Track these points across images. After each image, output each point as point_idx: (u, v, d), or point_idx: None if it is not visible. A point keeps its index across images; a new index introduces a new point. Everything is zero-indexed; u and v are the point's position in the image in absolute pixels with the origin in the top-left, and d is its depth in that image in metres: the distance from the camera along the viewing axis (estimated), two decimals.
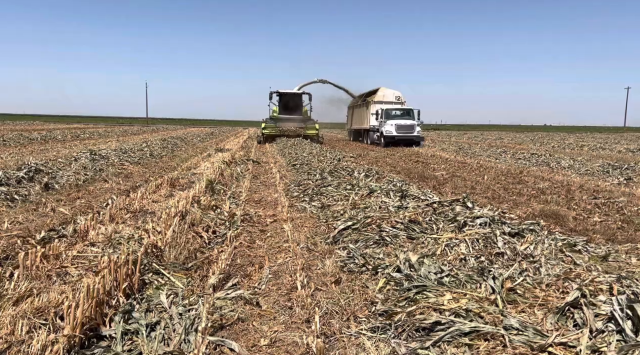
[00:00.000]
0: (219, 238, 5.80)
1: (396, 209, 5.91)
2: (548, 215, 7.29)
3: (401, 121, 25.56)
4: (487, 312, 2.91)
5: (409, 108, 27.42)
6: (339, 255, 4.91)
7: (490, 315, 2.88)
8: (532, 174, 13.20)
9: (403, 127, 25.24)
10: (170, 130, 47.57)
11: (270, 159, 17.05)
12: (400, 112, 26.86)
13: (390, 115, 26.25)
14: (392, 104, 28.57)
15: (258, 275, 4.59)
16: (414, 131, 25.49)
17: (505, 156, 19.38)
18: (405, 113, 26.82)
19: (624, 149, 24.77)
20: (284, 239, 5.85)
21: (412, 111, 26.86)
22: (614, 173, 13.09)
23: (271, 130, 27.60)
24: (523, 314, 2.90)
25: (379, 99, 29.08)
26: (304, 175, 10.70)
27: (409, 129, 25.34)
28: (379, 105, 27.91)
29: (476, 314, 2.94)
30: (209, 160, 15.39)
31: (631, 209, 8.00)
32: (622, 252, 5.26)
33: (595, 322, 2.62)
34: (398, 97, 29.51)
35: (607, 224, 6.88)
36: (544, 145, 29.07)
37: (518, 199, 9.06)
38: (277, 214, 7.31)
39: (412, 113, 26.75)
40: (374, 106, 28.48)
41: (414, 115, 26.61)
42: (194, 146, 23.74)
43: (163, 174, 11.80)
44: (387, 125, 25.42)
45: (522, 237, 5.17)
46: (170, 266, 4.60)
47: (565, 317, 2.77)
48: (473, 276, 3.52)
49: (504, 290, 3.13)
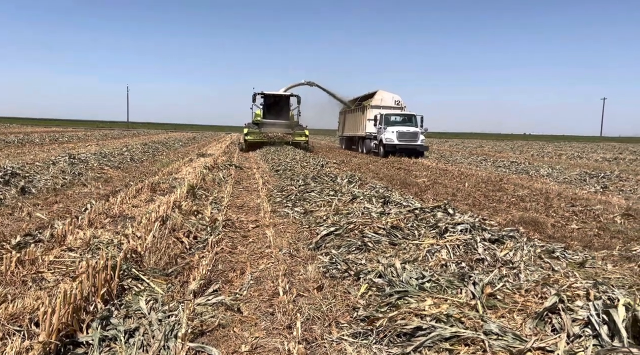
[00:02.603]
0: (200, 243, 5.74)
1: (378, 215, 5.94)
2: (527, 222, 7.40)
3: (403, 128, 22.93)
4: (467, 317, 2.93)
5: (410, 114, 24.76)
6: (321, 261, 4.90)
7: (471, 321, 2.90)
8: (512, 181, 13.38)
9: (406, 134, 22.61)
10: (151, 135, 47.09)
11: (253, 165, 16.99)
12: (401, 118, 24.35)
13: (390, 122, 23.72)
14: (391, 109, 25.90)
15: (239, 281, 4.55)
16: (418, 140, 22.84)
17: (485, 164, 19.63)
18: (407, 119, 24.28)
19: (601, 158, 25.29)
20: (266, 244, 5.82)
21: (415, 117, 24.26)
22: (591, 181, 13.35)
23: (255, 136, 24.81)
24: (503, 319, 2.93)
25: (377, 103, 26.45)
26: (287, 181, 10.69)
27: (412, 137, 22.71)
28: (377, 110, 25.34)
29: (457, 319, 2.95)
30: (191, 165, 15.27)
31: (607, 216, 8.15)
32: (599, 259, 5.36)
33: (573, 327, 2.66)
34: (398, 102, 26.84)
35: (584, 231, 7.00)
36: (524, 154, 29.53)
37: (498, 206, 9.17)
38: (259, 220, 7.27)
39: (415, 119, 24.14)
40: (371, 111, 25.81)
41: (417, 121, 23.99)
42: (176, 151, 23.53)
43: (144, 178, 11.67)
44: (387, 132, 22.83)
45: (502, 243, 5.23)
46: (150, 272, 4.54)
47: (543, 322, 2.80)
48: (454, 282, 3.55)
49: (484, 296, 3.16)
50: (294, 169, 12.67)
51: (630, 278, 4.72)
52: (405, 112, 25.21)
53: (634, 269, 5.00)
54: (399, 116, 24.55)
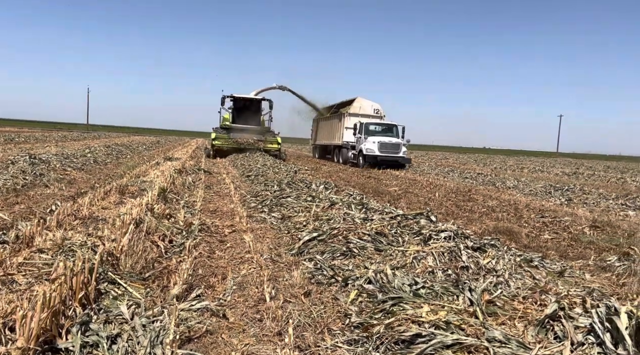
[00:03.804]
0: (176, 247, 5.52)
1: (362, 221, 5.87)
2: (502, 232, 7.49)
3: (385, 139, 21.57)
4: (468, 324, 2.88)
5: (392, 123, 23.46)
6: (305, 267, 4.78)
7: (472, 328, 2.85)
8: (480, 192, 13.61)
9: (387, 145, 21.30)
10: (113, 138, 45.83)
11: (222, 170, 16.69)
12: (382, 128, 22.93)
13: (371, 131, 22.33)
14: (370, 117, 24.52)
15: (222, 286, 4.38)
16: (400, 151, 21.60)
17: (453, 175, 19.96)
18: (387, 129, 22.91)
19: (561, 172, 26.16)
20: (245, 249, 5.65)
21: (396, 127, 23.05)
22: (556, 194, 13.74)
23: (223, 142, 23.29)
24: (504, 326, 2.89)
25: (355, 111, 25.02)
26: (260, 186, 10.52)
27: (394, 149, 21.47)
28: (355, 118, 24.02)
29: (457, 326, 2.89)
30: (158, 168, 14.85)
31: (576, 228, 8.36)
32: (576, 268, 5.46)
33: (576, 335, 2.64)
34: (377, 110, 25.48)
35: (557, 242, 7.14)
36: (487, 166, 30.24)
37: (471, 215, 9.27)
38: (235, 225, 7.09)
39: (396, 130, 22.94)
40: (349, 119, 24.54)
41: (398, 132, 22.81)
42: (140, 154, 22.92)
43: (110, 180, 11.26)
44: (368, 142, 21.43)
45: (484, 251, 5.25)
46: (126, 276, 4.32)
47: (545, 329, 2.78)
48: (449, 288, 3.50)
49: (483, 303, 3.12)
50: (266, 175, 12.50)
51: (610, 287, 4.84)
52: (387, 122, 23.94)
53: (612, 279, 5.12)
54: (380, 126, 23.20)
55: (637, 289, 4.65)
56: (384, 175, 17.85)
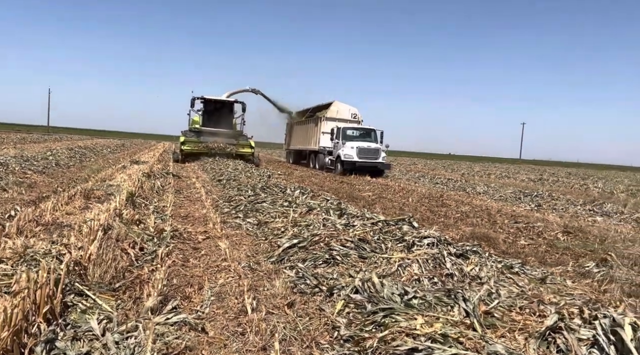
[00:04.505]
0: (147, 255, 5.23)
1: (344, 227, 5.70)
2: (479, 238, 7.45)
3: (364, 144, 20.80)
4: (466, 337, 2.74)
5: (370, 128, 22.51)
6: (287, 275, 4.58)
7: (471, 341, 2.71)
8: (452, 198, 13.67)
9: (366, 151, 20.55)
10: (75, 140, 44.31)
11: (191, 174, 16.26)
12: (360, 133, 22.08)
13: (348, 136, 21.50)
14: (347, 122, 23.66)
15: (199, 297, 4.13)
16: (379, 157, 20.83)
17: (423, 180, 20.08)
18: (365, 134, 22.07)
19: (527, 178, 26.72)
20: (221, 257, 5.40)
21: (375, 132, 22.14)
22: (525, 200, 13.94)
23: (193, 146, 22.00)
24: (503, 339, 2.76)
25: (332, 115, 24.11)
26: (233, 191, 10.23)
27: (373, 154, 20.67)
28: (332, 123, 23.13)
29: (455, 340, 2.75)
30: (125, 172, 14.36)
31: (550, 233, 8.42)
32: (557, 275, 5.44)
33: (580, 348, 2.54)
34: (354, 115, 24.62)
35: (534, 248, 7.15)
36: (455, 172, 30.64)
37: (446, 221, 9.25)
38: (209, 231, 6.81)
39: (375, 134, 22.05)
40: (326, 124, 23.67)
41: (377, 137, 21.96)
42: (105, 157, 22.19)
43: (73, 184, 10.77)
44: (346, 147, 20.68)
45: (467, 258, 5.16)
46: (95, 286, 4.03)
47: (547, 342, 2.67)
48: (442, 298, 3.36)
49: (480, 314, 2.99)
50: (238, 179, 12.21)
51: (592, 294, 4.81)
52: (365, 126, 23.04)
53: (593, 285, 5.10)
54: (358, 130, 22.32)
55: (620, 296, 4.63)
56: (357, 180, 17.79)
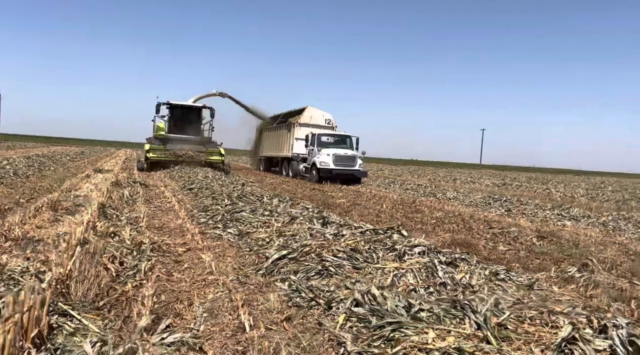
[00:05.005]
0: (128, 270, 4.99)
1: (333, 236, 5.60)
2: (460, 244, 7.50)
3: (340, 151, 20.26)
4: (482, 352, 2.69)
5: (345, 134, 21.93)
6: (280, 288, 4.44)
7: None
8: (424, 204, 13.80)
9: (343, 158, 20.01)
10: (30, 148, 42.63)
11: (158, 182, 15.82)
12: (335, 140, 21.42)
13: (323, 143, 20.82)
14: (321, 128, 22.99)
15: (190, 314, 3.95)
16: (356, 164, 20.35)
17: (394, 186, 20.23)
18: (341, 140, 21.45)
19: (491, 183, 27.34)
20: (206, 270, 5.21)
21: (350, 138, 21.62)
22: (495, 205, 14.21)
23: (159, 153, 21.03)
24: (520, 352, 2.72)
25: (306, 120, 23.46)
26: (208, 200, 9.97)
27: (350, 162, 20.18)
28: (306, 129, 22.54)
29: (470, 354, 2.70)
30: (90, 181, 13.84)
31: (525, 238, 8.58)
32: (542, 281, 5.50)
33: None
34: (328, 121, 24.08)
35: (514, 253, 7.24)
36: (422, 177, 31.09)
37: (424, 227, 9.29)
38: (188, 243, 6.59)
39: (350, 141, 21.53)
40: (299, 130, 22.97)
41: (352, 143, 21.47)
42: (65, 166, 21.34)
43: (36, 195, 10.28)
44: (321, 155, 20.07)
45: (456, 266, 5.16)
46: (78, 305, 3.80)
47: (563, 353, 2.64)
48: (449, 310, 3.30)
49: (494, 326, 2.94)
50: (211, 188, 11.94)
51: (579, 300, 4.87)
52: (340, 133, 22.42)
53: (580, 291, 5.18)
54: (333, 137, 21.62)
55: (608, 302, 4.71)
56: (329, 187, 17.73)
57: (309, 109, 24.01)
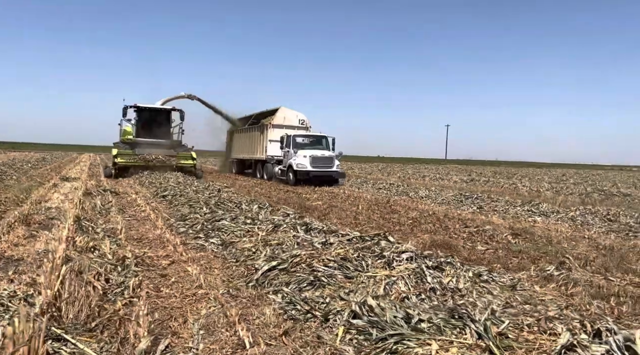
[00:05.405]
0: (115, 287, 4.90)
1: (322, 245, 5.63)
2: (440, 246, 7.65)
3: (317, 152, 19.87)
4: None
5: (321, 135, 21.56)
6: (274, 301, 4.44)
7: None
8: (398, 203, 13.98)
9: (320, 159, 19.67)
10: None
11: (128, 189, 15.49)
12: (311, 140, 21.05)
13: (299, 144, 20.48)
14: (295, 128, 22.76)
15: (186, 332, 3.92)
16: (333, 165, 20.07)
17: (366, 186, 20.39)
18: (316, 141, 21.09)
19: (459, 179, 27.89)
20: (195, 284, 5.16)
21: (326, 139, 21.31)
22: (467, 202, 14.52)
23: (128, 158, 20.42)
24: None
25: (279, 122, 23.03)
26: (185, 208, 9.84)
27: (327, 163, 19.86)
28: (280, 130, 22.23)
29: None
30: (59, 191, 13.44)
31: (500, 236, 8.80)
32: (524, 280, 5.68)
33: None
34: (302, 121, 23.71)
35: (493, 252, 7.43)
36: (392, 176, 31.43)
37: (402, 228, 9.42)
38: (171, 255, 6.50)
39: (326, 141, 21.24)
40: (273, 131, 22.58)
41: (328, 144, 21.16)
42: (28, 174, 20.59)
43: (3, 208, 9.90)
44: (298, 157, 19.71)
45: (442, 270, 5.28)
46: (71, 328, 3.72)
47: None
48: (449, 320, 3.39)
49: (495, 336, 3.04)
50: (186, 195, 11.78)
51: (561, 299, 5.05)
52: (316, 133, 22.02)
53: (561, 290, 5.37)
54: (309, 138, 21.25)
55: (588, 300, 4.91)
56: (303, 189, 17.73)
57: (282, 109, 23.59)
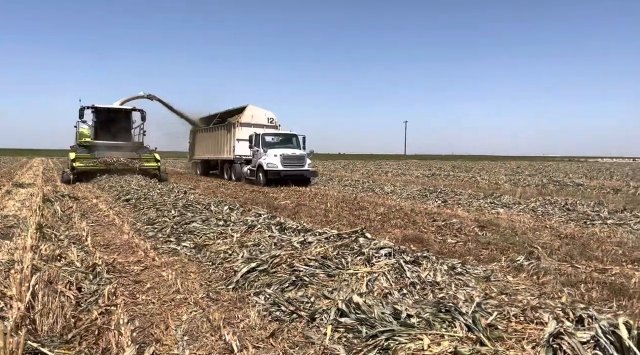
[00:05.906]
0: (89, 296, 4.73)
1: (300, 244, 5.60)
2: (412, 240, 7.76)
3: (288, 151, 19.36)
4: (479, 353, 2.83)
5: (291, 133, 21.09)
6: (256, 303, 4.39)
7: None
8: (365, 200, 14.09)
9: (291, 159, 19.16)
10: None
11: (88, 194, 14.98)
12: (281, 139, 20.55)
13: (269, 143, 19.92)
14: (264, 127, 22.14)
15: (169, 339, 3.82)
16: (305, 164, 19.59)
17: (332, 183, 20.46)
18: (286, 140, 20.62)
19: (420, 174, 28.40)
20: (172, 289, 5.04)
21: (297, 137, 20.81)
22: (432, 196, 14.80)
23: (87, 162, 19.54)
24: (513, 350, 2.89)
25: (247, 120, 22.36)
26: (151, 212, 9.58)
27: (298, 162, 19.37)
28: (248, 129, 21.56)
29: None
30: (13, 198, 12.83)
31: (468, 229, 9.01)
32: (497, 271, 5.84)
33: (586, 352, 2.73)
34: (271, 119, 23.17)
35: (463, 244, 7.60)
36: (355, 172, 31.68)
37: (373, 224, 9.50)
38: (142, 260, 6.33)
39: (297, 140, 20.72)
40: (241, 130, 21.94)
41: (299, 142, 20.66)
42: None
43: None
44: (268, 156, 19.12)
45: (419, 264, 5.35)
46: (47, 341, 3.55)
47: (552, 349, 2.83)
48: (437, 314, 3.43)
49: (485, 328, 3.10)
50: (151, 198, 11.48)
51: (534, 288, 5.22)
52: (286, 132, 21.52)
53: (532, 279, 5.55)
54: (278, 136, 20.78)
55: (560, 288, 5.09)
56: (269, 188, 17.60)
57: (250, 107, 22.95)
